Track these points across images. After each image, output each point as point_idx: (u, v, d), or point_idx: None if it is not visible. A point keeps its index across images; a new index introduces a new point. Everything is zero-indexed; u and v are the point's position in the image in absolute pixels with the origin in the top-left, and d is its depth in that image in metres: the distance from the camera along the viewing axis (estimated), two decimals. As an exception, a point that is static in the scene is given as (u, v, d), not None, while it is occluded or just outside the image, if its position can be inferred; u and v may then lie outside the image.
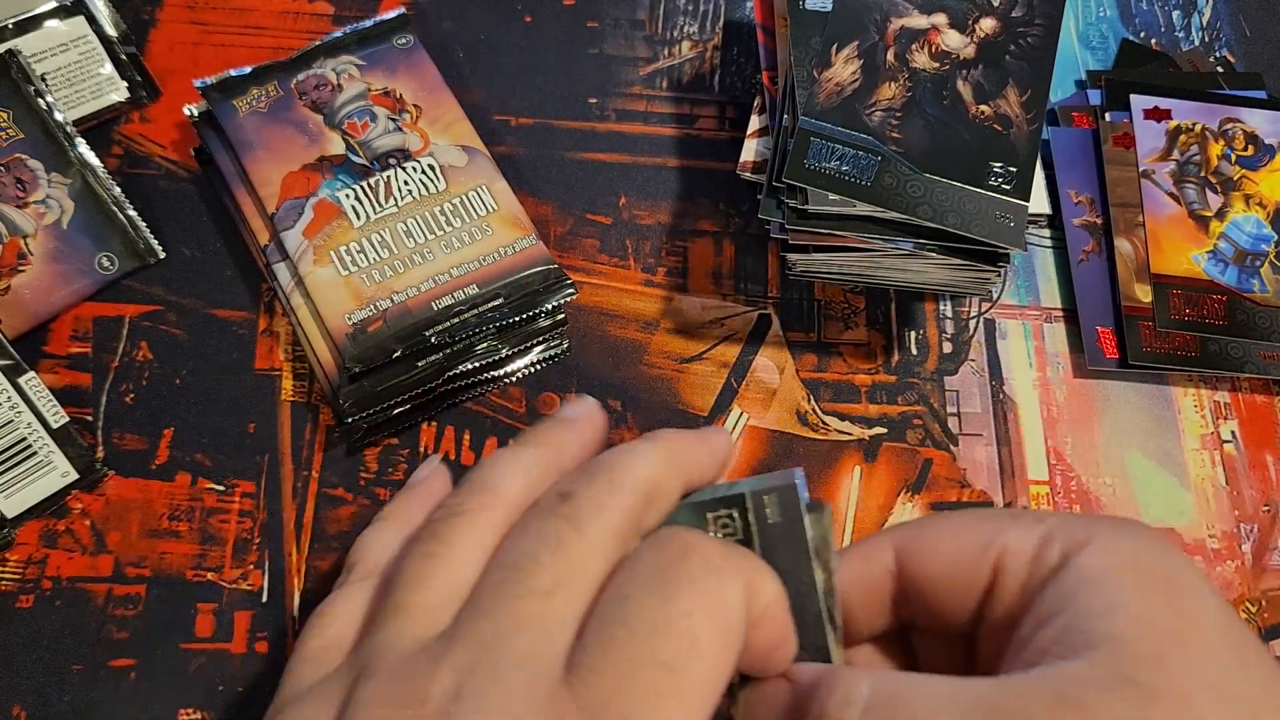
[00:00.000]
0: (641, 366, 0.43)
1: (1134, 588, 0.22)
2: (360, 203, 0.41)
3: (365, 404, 0.38)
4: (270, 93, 0.43)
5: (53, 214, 0.42)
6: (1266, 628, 0.40)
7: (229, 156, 0.43)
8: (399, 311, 0.39)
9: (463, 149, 0.43)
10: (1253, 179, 0.47)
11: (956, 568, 0.25)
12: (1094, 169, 0.48)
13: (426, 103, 0.44)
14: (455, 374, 0.39)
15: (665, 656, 0.21)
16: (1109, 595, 0.22)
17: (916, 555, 0.26)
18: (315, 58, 0.45)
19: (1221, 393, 0.44)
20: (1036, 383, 0.44)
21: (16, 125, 0.42)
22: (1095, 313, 0.45)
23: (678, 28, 0.51)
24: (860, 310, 0.45)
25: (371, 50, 0.45)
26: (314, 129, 0.43)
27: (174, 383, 0.41)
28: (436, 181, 0.42)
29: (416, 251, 0.40)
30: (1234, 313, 0.44)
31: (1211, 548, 0.41)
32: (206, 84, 0.43)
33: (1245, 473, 0.43)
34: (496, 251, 0.41)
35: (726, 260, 0.45)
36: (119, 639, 0.37)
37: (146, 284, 0.43)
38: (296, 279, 0.40)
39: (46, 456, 0.38)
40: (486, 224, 0.41)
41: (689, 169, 0.47)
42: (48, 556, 0.38)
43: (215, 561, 0.38)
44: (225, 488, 0.40)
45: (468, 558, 0.24)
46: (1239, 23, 0.52)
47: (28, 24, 0.45)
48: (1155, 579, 0.22)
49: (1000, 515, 0.26)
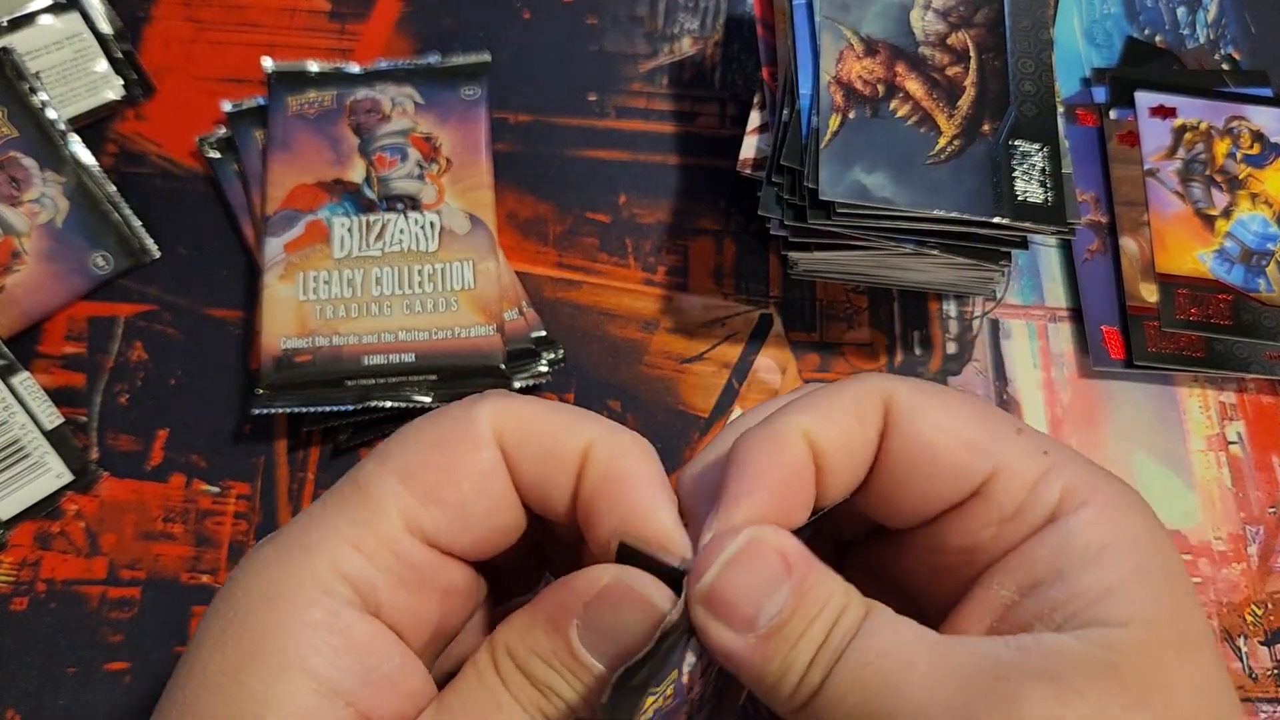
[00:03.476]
0: (641, 367, 0.43)
1: (1134, 575, 0.21)
2: (350, 235, 0.41)
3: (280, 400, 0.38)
4: (325, 102, 0.43)
5: (47, 213, 0.42)
6: (1272, 630, 0.39)
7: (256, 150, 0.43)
8: (330, 355, 0.39)
9: (470, 218, 0.42)
10: (1259, 177, 0.47)
11: (944, 467, 0.23)
12: (1099, 167, 0.47)
13: (460, 160, 0.43)
14: (377, 407, 0.39)
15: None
16: (1109, 578, 0.21)
17: (909, 434, 0.24)
18: (382, 79, 0.44)
19: (1228, 393, 0.44)
20: (1041, 383, 0.44)
21: (10, 123, 0.42)
22: (1100, 312, 0.44)
23: (678, 24, 0.50)
24: (863, 310, 0.44)
25: (436, 91, 0.45)
26: (345, 150, 0.43)
27: (169, 383, 0.41)
28: (430, 241, 0.41)
29: (377, 302, 0.40)
30: (1240, 312, 0.44)
31: (1217, 550, 0.41)
32: (273, 70, 0.43)
33: (1251, 474, 0.42)
34: (452, 329, 0.40)
35: (727, 259, 0.45)
36: (114, 642, 0.36)
37: (141, 284, 0.43)
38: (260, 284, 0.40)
39: (40, 458, 0.38)
40: (455, 299, 0.40)
41: (690, 166, 0.47)
42: (42, 559, 0.38)
43: (210, 564, 0.38)
44: (220, 489, 0.39)
45: None
46: (1245, 20, 0.52)
47: (22, 21, 0.45)
48: (1155, 568, 0.22)
49: (1003, 423, 0.24)
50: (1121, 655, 0.20)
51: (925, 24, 0.41)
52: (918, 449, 0.23)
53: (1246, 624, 0.39)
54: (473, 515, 0.23)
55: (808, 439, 0.23)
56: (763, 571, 0.22)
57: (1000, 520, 0.23)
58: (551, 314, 0.43)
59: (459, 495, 0.23)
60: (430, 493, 0.23)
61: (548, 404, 0.25)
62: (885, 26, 0.41)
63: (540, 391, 0.42)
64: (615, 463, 0.23)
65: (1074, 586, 0.21)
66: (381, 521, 0.22)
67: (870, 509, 0.25)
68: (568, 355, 0.42)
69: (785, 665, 0.21)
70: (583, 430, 0.23)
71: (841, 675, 0.21)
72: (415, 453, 0.23)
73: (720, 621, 0.22)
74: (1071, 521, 0.22)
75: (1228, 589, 0.40)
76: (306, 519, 0.23)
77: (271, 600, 0.22)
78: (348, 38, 0.48)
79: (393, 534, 0.22)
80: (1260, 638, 0.39)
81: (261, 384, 0.39)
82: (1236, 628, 0.39)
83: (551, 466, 0.23)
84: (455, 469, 0.23)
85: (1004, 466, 0.23)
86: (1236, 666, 0.39)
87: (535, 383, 0.41)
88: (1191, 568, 0.40)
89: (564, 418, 0.24)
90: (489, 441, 0.23)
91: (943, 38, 0.41)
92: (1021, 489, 0.23)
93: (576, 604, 0.22)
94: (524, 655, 0.22)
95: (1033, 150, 0.38)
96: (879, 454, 0.24)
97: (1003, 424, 0.24)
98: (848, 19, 0.41)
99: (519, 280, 0.43)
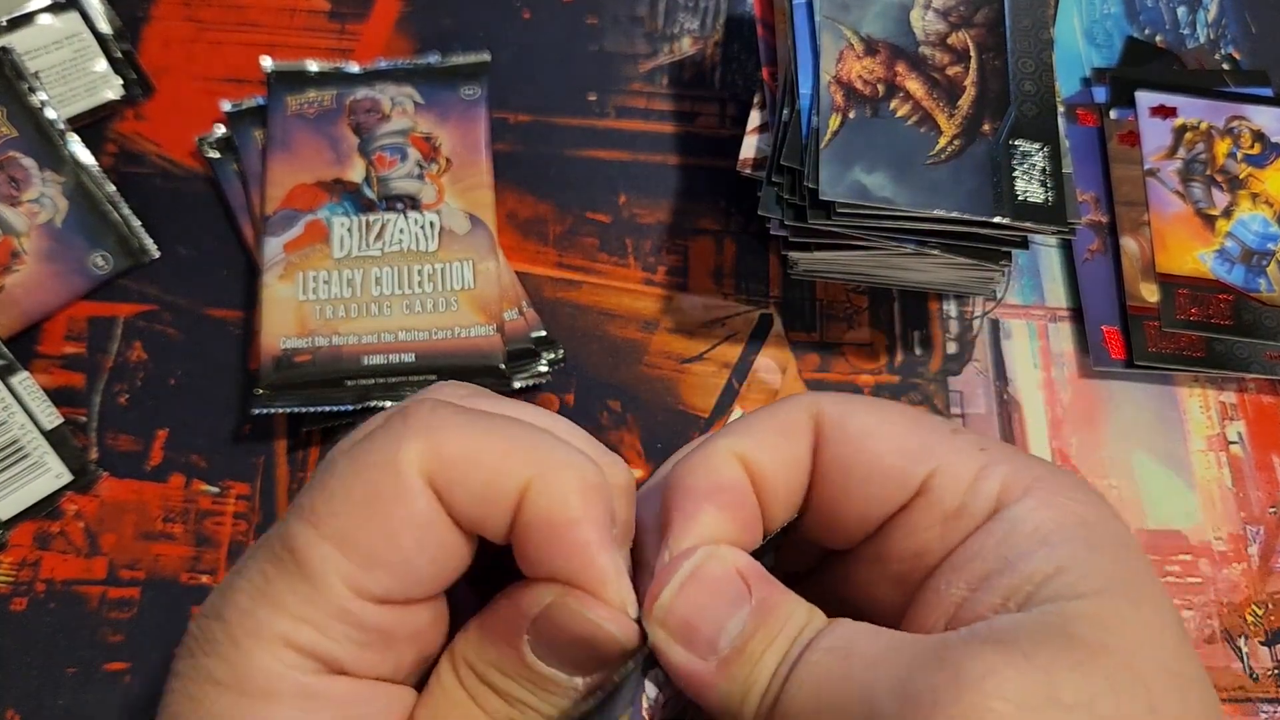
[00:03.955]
0: (641, 367, 0.43)
1: (1085, 552, 0.21)
2: (349, 234, 0.41)
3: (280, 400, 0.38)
4: (325, 102, 0.43)
5: (46, 213, 0.42)
6: (1273, 630, 0.39)
7: (256, 150, 0.43)
8: (331, 354, 0.39)
9: (470, 218, 0.42)
10: (1259, 177, 0.47)
11: (880, 472, 0.23)
12: (1099, 167, 0.47)
13: (460, 160, 0.43)
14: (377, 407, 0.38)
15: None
16: (1058, 556, 0.20)
17: (842, 443, 0.23)
18: (381, 79, 0.44)
19: (1228, 393, 0.44)
20: (1041, 383, 0.44)
21: (10, 123, 0.42)
22: (1101, 312, 0.44)
23: (678, 24, 0.50)
24: (863, 310, 0.44)
25: (435, 91, 0.44)
26: (345, 149, 0.43)
27: (168, 383, 0.41)
28: (430, 241, 0.41)
29: (377, 302, 0.40)
30: (1240, 312, 0.44)
31: (1218, 550, 0.41)
32: (273, 69, 0.43)
33: (1252, 474, 0.42)
34: (452, 329, 0.40)
35: (727, 259, 0.45)
36: (114, 642, 0.36)
37: (141, 283, 0.43)
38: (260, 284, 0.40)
39: (40, 458, 0.38)
40: (455, 299, 0.40)
41: (690, 166, 0.47)
42: (41, 559, 0.37)
43: (210, 564, 0.38)
44: (220, 489, 0.39)
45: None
46: (1245, 20, 0.52)
47: (21, 20, 0.45)
48: (1105, 545, 0.21)
49: (937, 427, 0.24)
50: (1073, 620, 0.19)
51: (925, 24, 0.41)
52: (853, 457, 0.23)
53: (1247, 624, 0.39)
54: (418, 566, 0.22)
55: (741, 461, 0.23)
56: (722, 592, 0.21)
57: (944, 518, 0.22)
58: (551, 314, 0.43)
59: (401, 553, 0.21)
60: (370, 557, 0.21)
61: (485, 429, 0.22)
62: (885, 26, 0.41)
63: (540, 391, 0.42)
64: (554, 509, 0.21)
65: (1023, 570, 0.20)
66: (327, 595, 0.21)
67: (814, 530, 0.25)
68: (568, 355, 0.42)
69: (747, 685, 0.21)
70: (521, 466, 0.21)
71: (793, 680, 0.20)
72: (345, 515, 0.21)
73: (679, 645, 0.21)
74: (1015, 510, 0.22)
75: (1228, 589, 0.40)
76: (247, 592, 0.21)
77: (241, 688, 0.21)
78: (347, 37, 0.48)
79: (342, 605, 0.21)
80: (1261, 638, 0.39)
81: (261, 384, 0.39)
82: (1237, 628, 0.39)
83: (488, 507, 0.22)
84: (391, 527, 0.21)
85: (942, 466, 0.23)
86: (1237, 667, 0.39)
87: (535, 383, 0.41)
88: (1192, 568, 0.40)
89: (499, 450, 0.22)
90: (420, 490, 0.21)
91: (943, 37, 0.41)
92: (961, 485, 0.22)
93: (524, 620, 0.22)
94: (482, 668, 0.22)
95: (1033, 150, 0.38)
96: (816, 470, 0.24)
97: (937, 426, 0.24)
98: (848, 19, 0.41)
99: (519, 280, 0.43)
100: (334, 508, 0.21)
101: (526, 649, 0.22)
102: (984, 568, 0.21)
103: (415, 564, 0.21)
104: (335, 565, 0.21)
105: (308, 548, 0.21)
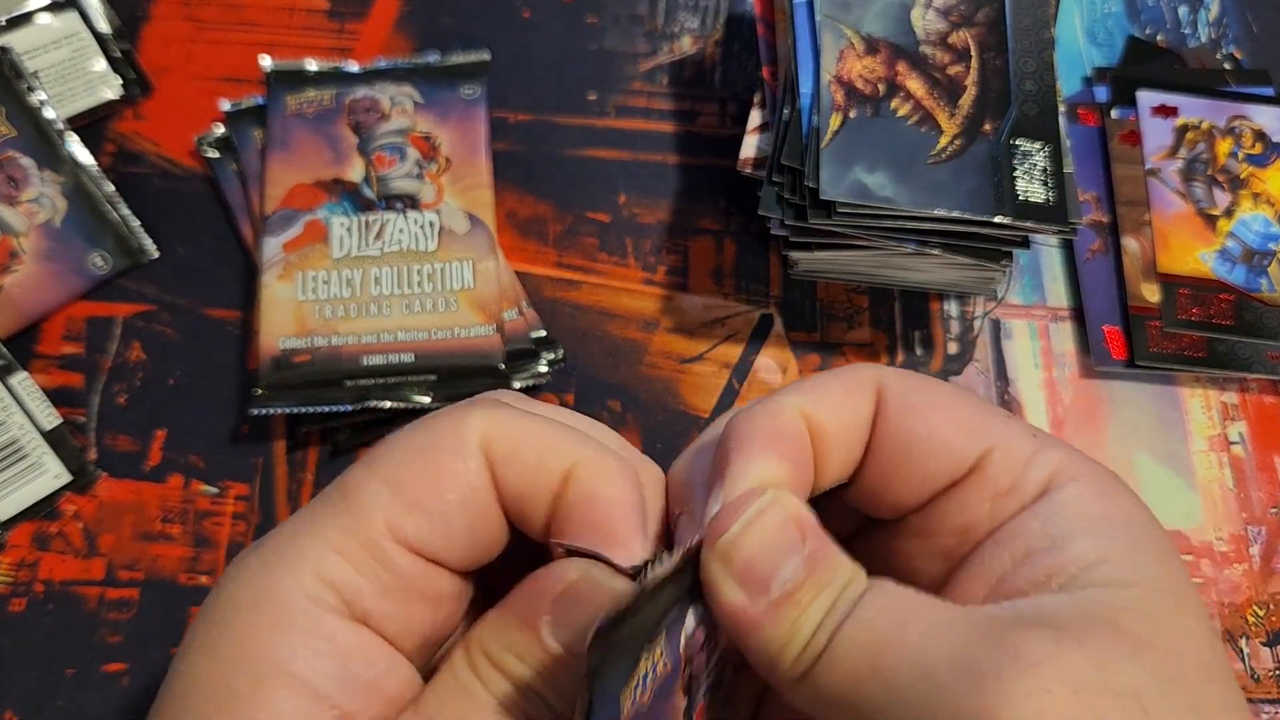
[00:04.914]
0: (641, 367, 0.43)
1: (1128, 546, 0.21)
2: (349, 234, 0.41)
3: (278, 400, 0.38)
4: (324, 101, 0.43)
5: (45, 212, 0.41)
6: (1274, 631, 0.39)
7: (255, 149, 0.43)
8: (330, 355, 0.39)
9: (470, 217, 0.42)
10: (1261, 177, 0.46)
11: (941, 445, 0.23)
12: (1100, 167, 0.47)
13: (459, 159, 0.43)
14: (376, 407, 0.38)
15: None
16: (1103, 545, 0.21)
17: (904, 415, 0.24)
18: (381, 78, 0.44)
19: (1230, 394, 0.44)
20: (1042, 383, 0.43)
21: (8, 122, 0.42)
22: (1102, 312, 0.44)
23: (678, 23, 0.50)
24: (864, 310, 0.44)
25: (435, 90, 0.44)
26: (344, 149, 0.43)
27: (167, 383, 0.41)
28: (429, 240, 0.41)
29: (376, 302, 0.40)
30: (1242, 312, 0.43)
31: (1219, 550, 0.41)
32: (272, 69, 0.43)
33: (1253, 475, 0.42)
34: (452, 329, 0.40)
35: (728, 259, 0.45)
36: (112, 643, 0.36)
37: (140, 283, 0.42)
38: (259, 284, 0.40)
39: (38, 458, 0.38)
40: (455, 299, 0.40)
41: (690, 166, 0.47)
42: (40, 559, 0.37)
43: (209, 565, 0.38)
44: (218, 490, 0.39)
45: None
46: (1246, 19, 0.52)
47: (19, 20, 0.45)
48: (1147, 543, 0.22)
49: (995, 410, 0.25)
50: (1119, 611, 0.20)
51: (926, 23, 0.41)
52: (915, 429, 0.24)
53: (1248, 625, 0.39)
54: (456, 525, 0.23)
55: (804, 415, 0.24)
56: (783, 536, 0.21)
57: (995, 495, 0.23)
58: (551, 314, 0.43)
59: (443, 504, 0.23)
60: (414, 500, 0.22)
61: (539, 418, 0.24)
62: (886, 25, 0.40)
63: (540, 391, 0.42)
64: (596, 487, 0.23)
65: (1069, 553, 0.21)
66: (366, 528, 0.22)
67: (863, 498, 0.25)
68: (568, 355, 0.42)
69: (791, 632, 0.21)
70: (570, 450, 0.23)
71: (842, 637, 0.20)
72: (402, 459, 0.23)
73: (733, 581, 0.21)
74: (1064, 493, 0.22)
75: (1229, 590, 0.40)
76: (294, 524, 0.23)
77: (257, 607, 0.22)
78: (347, 37, 0.48)
79: (377, 540, 0.22)
80: (1262, 638, 0.39)
81: (260, 384, 0.39)
82: (1238, 629, 0.39)
83: (534, 483, 0.23)
84: (440, 477, 0.23)
85: (998, 445, 0.23)
86: (1238, 667, 0.39)
87: (535, 383, 0.41)
88: (1193, 568, 0.40)
89: (552, 435, 0.24)
90: (475, 452, 0.23)
91: (944, 36, 0.40)
92: (1016, 465, 0.23)
93: (545, 599, 0.22)
94: (498, 652, 0.22)
95: (1034, 149, 0.38)
96: (873, 438, 0.24)
97: (994, 410, 0.25)
98: (848, 18, 0.40)
99: (518, 280, 0.43)
100: (394, 455, 0.23)
101: (545, 630, 0.22)
102: (1029, 544, 0.22)
103: (453, 523, 0.23)
104: (381, 502, 0.22)
105: (360, 484, 0.23)
